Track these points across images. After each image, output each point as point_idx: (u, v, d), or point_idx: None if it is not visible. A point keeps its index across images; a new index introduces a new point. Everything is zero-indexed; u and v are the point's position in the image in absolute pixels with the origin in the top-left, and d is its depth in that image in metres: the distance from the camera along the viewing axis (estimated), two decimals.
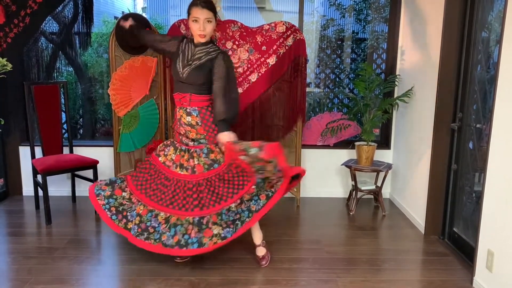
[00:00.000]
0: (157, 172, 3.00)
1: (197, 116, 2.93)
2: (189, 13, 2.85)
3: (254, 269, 3.05)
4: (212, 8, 2.83)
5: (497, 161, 2.62)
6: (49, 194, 3.81)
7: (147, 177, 3.00)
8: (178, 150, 3.00)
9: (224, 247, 3.27)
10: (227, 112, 2.83)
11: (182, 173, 2.93)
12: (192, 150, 2.98)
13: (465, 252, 3.25)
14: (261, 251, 3.12)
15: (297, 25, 4.30)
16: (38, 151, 4.13)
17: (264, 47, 4.10)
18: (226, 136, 2.84)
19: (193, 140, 2.97)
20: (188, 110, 2.94)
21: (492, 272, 2.66)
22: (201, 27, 2.80)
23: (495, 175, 2.65)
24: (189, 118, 2.94)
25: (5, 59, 3.00)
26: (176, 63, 2.97)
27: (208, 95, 2.94)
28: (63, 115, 4.31)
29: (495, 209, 2.64)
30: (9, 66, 3.00)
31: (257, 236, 3.12)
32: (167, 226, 2.84)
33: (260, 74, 4.12)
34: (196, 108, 2.93)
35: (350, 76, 5.07)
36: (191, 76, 2.87)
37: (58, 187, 4.50)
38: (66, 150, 4.27)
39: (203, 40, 2.87)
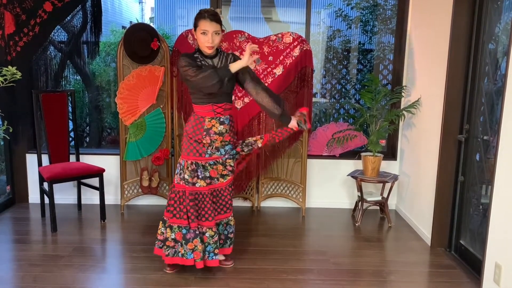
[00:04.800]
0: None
1: (228, 124, 2.98)
2: (196, 25, 2.86)
3: (260, 279, 3.03)
4: (219, 20, 2.86)
5: (504, 173, 2.61)
6: (55, 202, 3.83)
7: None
8: (210, 166, 2.99)
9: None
10: (279, 104, 2.92)
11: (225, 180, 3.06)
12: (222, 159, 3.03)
13: (472, 265, 3.22)
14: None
15: (303, 36, 4.32)
16: (45, 159, 4.16)
17: (270, 58, 4.12)
18: (295, 121, 2.96)
19: (217, 148, 2.97)
20: (221, 119, 2.95)
21: (499, 286, 2.63)
22: (209, 39, 2.82)
23: (502, 187, 2.63)
24: (221, 127, 2.95)
25: (14, 67, 3.01)
26: None
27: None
28: (70, 123, 4.34)
29: (503, 222, 2.62)
30: (18, 75, 3.01)
31: None
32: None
33: (266, 84, 4.14)
34: (228, 116, 2.99)
35: (356, 86, 5.07)
36: (228, 86, 2.89)
37: (64, 195, 4.51)
38: (72, 158, 4.29)
39: (210, 51, 2.88)
